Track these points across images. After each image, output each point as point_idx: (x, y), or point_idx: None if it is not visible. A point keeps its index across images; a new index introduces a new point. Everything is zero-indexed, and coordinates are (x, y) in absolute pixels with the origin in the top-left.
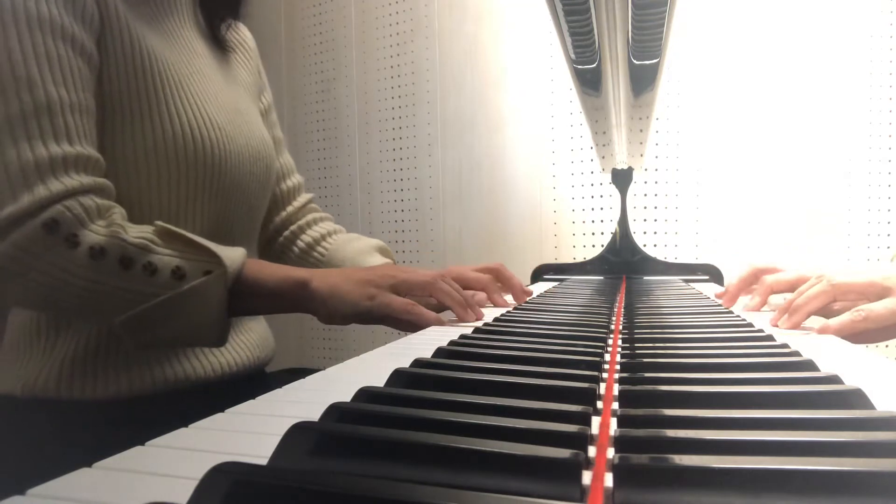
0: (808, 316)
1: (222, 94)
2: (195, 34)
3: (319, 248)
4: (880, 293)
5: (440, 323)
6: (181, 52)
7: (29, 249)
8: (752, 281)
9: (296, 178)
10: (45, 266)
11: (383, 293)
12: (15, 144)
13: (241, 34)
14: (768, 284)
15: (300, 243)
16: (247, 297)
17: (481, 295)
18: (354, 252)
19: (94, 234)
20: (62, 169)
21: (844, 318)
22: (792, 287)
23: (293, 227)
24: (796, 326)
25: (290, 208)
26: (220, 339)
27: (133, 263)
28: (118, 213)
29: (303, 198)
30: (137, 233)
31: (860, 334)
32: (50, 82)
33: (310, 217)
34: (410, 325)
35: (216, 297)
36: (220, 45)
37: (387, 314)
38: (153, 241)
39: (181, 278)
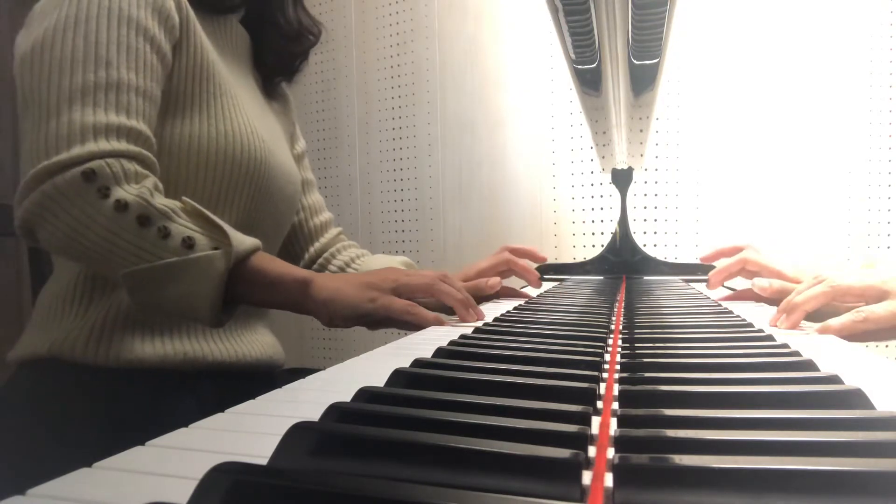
0: (805, 315)
1: (269, 120)
2: (250, 74)
3: (350, 271)
4: (879, 296)
5: (440, 323)
6: (237, 77)
7: (65, 192)
8: (734, 252)
9: (326, 215)
10: (74, 210)
11: (384, 295)
12: (82, 108)
13: (282, 89)
14: (744, 258)
15: (332, 268)
16: (247, 283)
17: (494, 280)
18: (380, 265)
19: (125, 191)
20: (115, 135)
21: (845, 318)
22: (764, 268)
23: (326, 255)
24: (794, 325)
25: (322, 239)
26: (215, 319)
27: (150, 223)
28: (152, 181)
29: (333, 231)
30: (164, 201)
31: (860, 335)
32: (124, 66)
33: (339, 245)
34: (411, 325)
35: (216, 272)
36: (267, 94)
37: (387, 316)
38: (175, 211)
39: (189, 247)
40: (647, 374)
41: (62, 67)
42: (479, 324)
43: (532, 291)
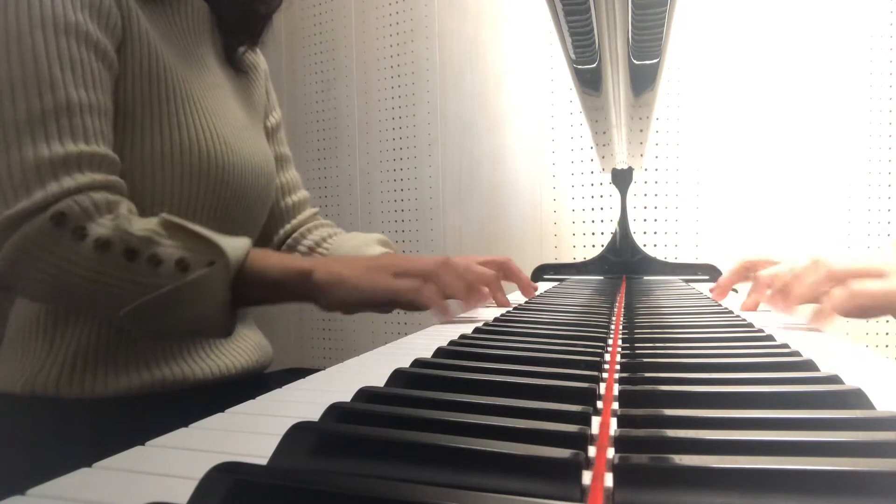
0: (802, 301)
1: (231, 110)
2: (211, 51)
3: (320, 250)
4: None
5: (444, 308)
6: (195, 67)
7: (37, 241)
8: (743, 273)
9: (301, 193)
10: (52, 258)
11: (387, 278)
12: (33, 142)
13: (254, 56)
14: (763, 282)
15: (301, 248)
16: (250, 288)
17: (484, 290)
18: (354, 246)
19: (101, 227)
20: (76, 166)
21: (838, 296)
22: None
23: (295, 235)
24: (789, 310)
25: (294, 221)
26: (225, 331)
27: (137, 255)
28: (125, 206)
29: (308, 211)
30: (143, 225)
31: (854, 310)
32: (71, 84)
33: (312, 224)
34: (414, 306)
35: (219, 288)
36: (233, 66)
37: (391, 299)
38: (158, 233)
39: (185, 269)
40: (647, 374)
41: (2, 95)
42: (479, 324)
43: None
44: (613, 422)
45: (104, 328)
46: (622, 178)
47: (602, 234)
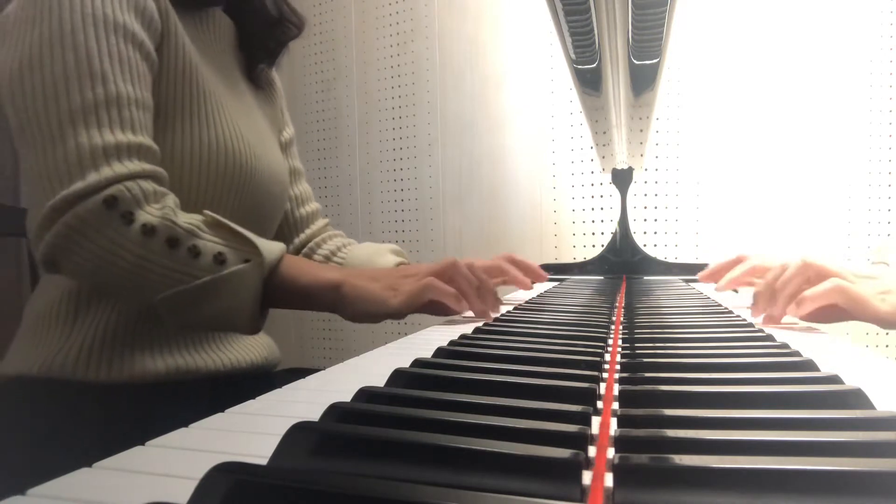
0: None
1: (253, 118)
2: (234, 64)
3: (336, 259)
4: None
5: (459, 301)
6: (222, 76)
7: (88, 221)
8: (735, 265)
9: (313, 205)
10: (101, 239)
11: (410, 284)
12: (87, 130)
13: (271, 75)
14: (753, 266)
15: (317, 257)
16: (280, 291)
17: (495, 281)
18: (368, 254)
19: (148, 214)
20: (126, 155)
21: (822, 287)
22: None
23: (310, 245)
24: (778, 318)
25: (308, 231)
26: (253, 327)
27: (179, 244)
28: (171, 199)
29: (320, 222)
30: (187, 218)
31: (830, 311)
32: (119, 79)
33: (325, 234)
34: (438, 306)
35: (252, 285)
36: (253, 81)
37: (417, 301)
38: (200, 227)
39: (222, 263)
40: (647, 374)
41: (57, 86)
42: (479, 323)
43: (532, 291)
44: (613, 422)
45: (122, 315)
46: (622, 178)
47: (602, 234)
